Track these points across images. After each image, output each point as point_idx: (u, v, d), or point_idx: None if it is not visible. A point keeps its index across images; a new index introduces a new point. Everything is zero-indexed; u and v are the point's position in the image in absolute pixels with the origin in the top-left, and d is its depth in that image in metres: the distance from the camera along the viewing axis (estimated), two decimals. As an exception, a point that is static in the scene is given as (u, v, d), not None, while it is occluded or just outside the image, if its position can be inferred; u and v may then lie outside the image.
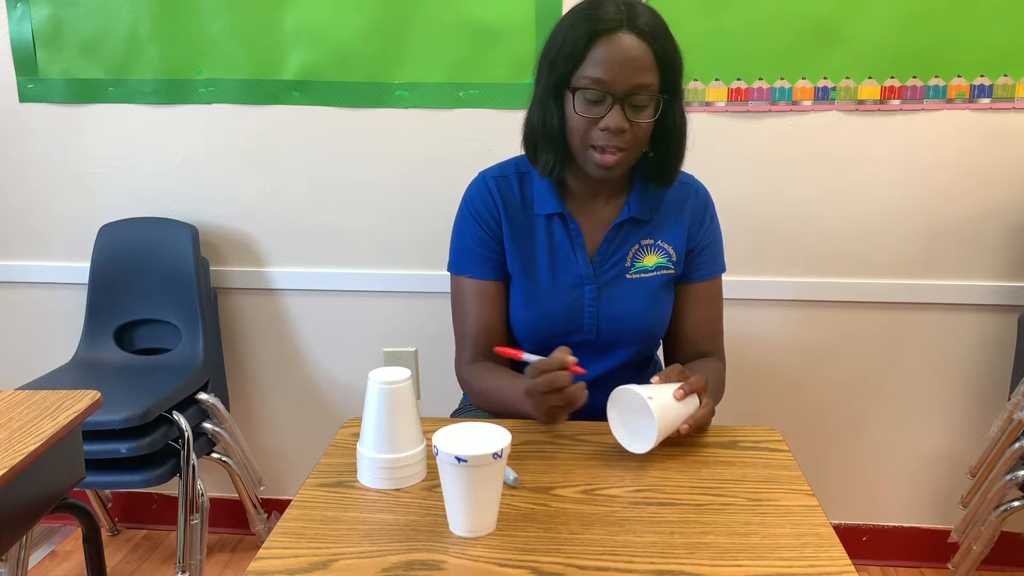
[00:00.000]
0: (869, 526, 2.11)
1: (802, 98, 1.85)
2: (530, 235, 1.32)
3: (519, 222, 1.32)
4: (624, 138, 1.18)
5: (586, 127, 1.19)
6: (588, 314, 1.29)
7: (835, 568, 0.86)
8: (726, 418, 2.00)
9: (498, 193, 1.32)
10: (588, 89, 1.17)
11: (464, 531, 0.93)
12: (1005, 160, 1.84)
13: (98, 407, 1.27)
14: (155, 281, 2.03)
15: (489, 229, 1.32)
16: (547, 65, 1.22)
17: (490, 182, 1.33)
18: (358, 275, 2.07)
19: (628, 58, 1.15)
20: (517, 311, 1.33)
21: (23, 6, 1.97)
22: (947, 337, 1.96)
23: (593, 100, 1.17)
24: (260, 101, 1.98)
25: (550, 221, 1.31)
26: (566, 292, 1.30)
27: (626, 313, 1.29)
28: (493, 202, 1.32)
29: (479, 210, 1.33)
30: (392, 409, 1.03)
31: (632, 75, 1.15)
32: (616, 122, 1.16)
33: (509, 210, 1.32)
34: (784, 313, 1.99)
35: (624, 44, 1.16)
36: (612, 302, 1.29)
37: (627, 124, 1.17)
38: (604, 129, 1.17)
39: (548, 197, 1.30)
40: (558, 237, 1.30)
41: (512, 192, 1.33)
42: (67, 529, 2.31)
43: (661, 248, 1.31)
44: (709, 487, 1.03)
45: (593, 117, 1.18)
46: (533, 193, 1.32)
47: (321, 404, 2.18)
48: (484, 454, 0.89)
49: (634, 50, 1.16)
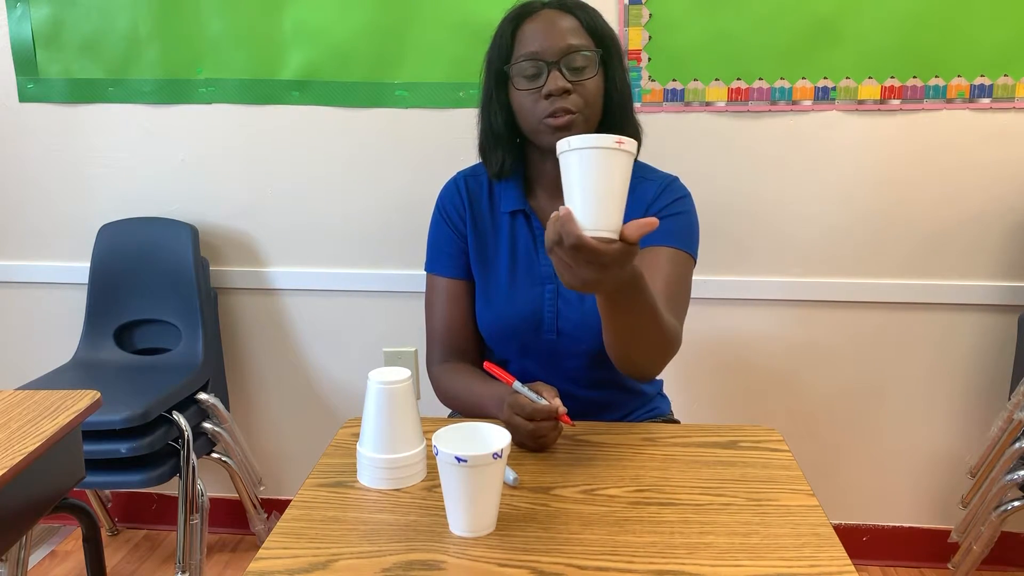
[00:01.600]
0: (869, 526, 2.11)
1: (802, 98, 1.85)
2: (495, 234, 1.32)
3: (485, 221, 1.32)
4: (571, 100, 1.17)
5: (532, 102, 1.19)
6: (548, 314, 1.28)
7: (835, 568, 0.86)
8: (726, 418, 2.01)
9: (467, 192, 1.33)
10: (522, 63, 1.19)
11: (464, 531, 0.93)
12: (1005, 160, 1.85)
13: (98, 407, 1.26)
14: (155, 281, 2.03)
15: (456, 228, 1.33)
16: (485, 69, 1.26)
17: (460, 182, 1.35)
18: (358, 275, 2.07)
19: (552, 25, 1.19)
20: (479, 310, 1.32)
21: (23, 6, 1.97)
22: (947, 337, 1.96)
23: (531, 74, 1.18)
24: (260, 101, 1.98)
25: (514, 219, 1.31)
26: (526, 291, 1.28)
27: (586, 313, 1.26)
28: (461, 201, 1.33)
29: (448, 209, 1.34)
30: (392, 409, 1.03)
31: (561, 38, 1.18)
32: (555, 84, 1.16)
33: (475, 209, 1.33)
34: (784, 313, 1.99)
35: (548, 16, 1.20)
36: (571, 303, 1.27)
37: (568, 84, 1.17)
38: (548, 96, 1.17)
39: (512, 195, 1.30)
40: (521, 236, 1.30)
41: (481, 191, 1.34)
42: (67, 529, 2.31)
43: None
44: (709, 487, 1.03)
45: (534, 89, 1.18)
46: (500, 191, 1.33)
47: (321, 404, 2.18)
48: (484, 454, 0.89)
49: (557, 19, 1.19)
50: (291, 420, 2.21)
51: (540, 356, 1.30)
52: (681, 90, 1.86)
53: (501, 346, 1.32)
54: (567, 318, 1.27)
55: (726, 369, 2.01)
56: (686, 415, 1.43)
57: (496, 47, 1.24)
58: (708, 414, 2.03)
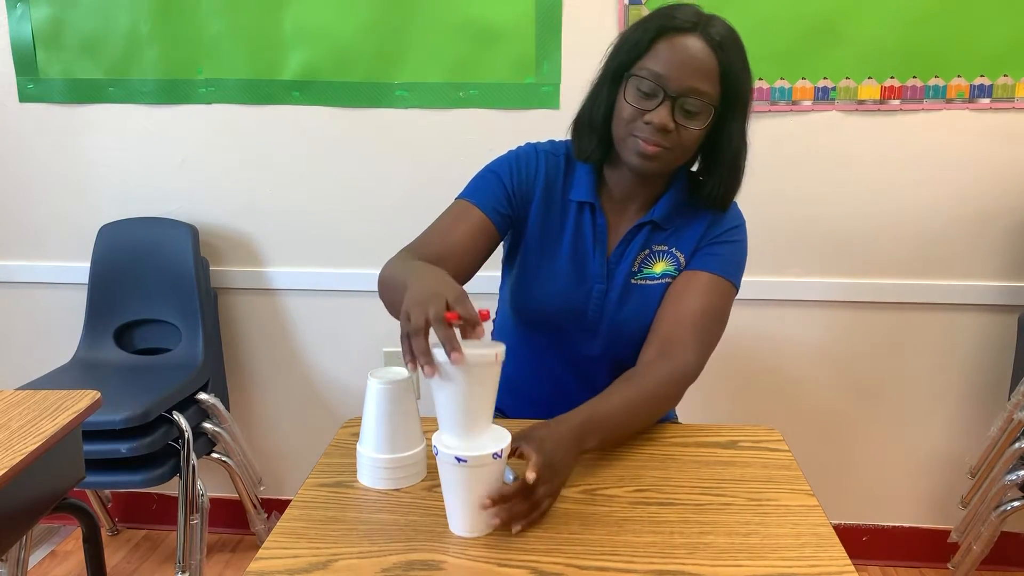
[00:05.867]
0: (869, 526, 2.11)
1: (802, 98, 1.85)
2: (560, 217, 1.30)
3: (554, 201, 1.30)
4: (668, 138, 1.15)
5: (632, 116, 1.16)
6: (592, 313, 1.28)
7: (835, 568, 0.86)
8: (726, 418, 2.01)
9: (544, 166, 1.30)
10: (643, 79, 1.14)
11: (464, 531, 0.93)
12: (1005, 160, 1.84)
13: (98, 407, 1.26)
14: (155, 281, 2.03)
15: (517, 184, 1.28)
16: (611, 54, 1.21)
17: (540, 154, 1.31)
18: (358, 275, 2.07)
19: (690, 58, 1.13)
20: (526, 286, 1.30)
21: (23, 6, 1.97)
22: (947, 337, 1.96)
23: (646, 92, 1.15)
24: (260, 101, 1.98)
25: (581, 210, 1.29)
26: (578, 285, 1.28)
27: (625, 319, 1.27)
28: (536, 169, 1.29)
29: (520, 168, 1.29)
30: (392, 409, 1.03)
31: (689, 77, 1.13)
32: (661, 119, 1.13)
33: (548, 185, 1.30)
34: (784, 313, 1.99)
35: (689, 45, 1.14)
36: (614, 306, 1.28)
37: (672, 124, 1.14)
38: (648, 123, 1.14)
39: (585, 185, 1.28)
40: (585, 228, 1.29)
41: (557, 171, 1.30)
42: (67, 529, 2.31)
43: (672, 255, 1.28)
44: (709, 487, 1.03)
45: (641, 108, 1.15)
46: (574, 178, 1.30)
47: (321, 404, 2.18)
48: (484, 454, 0.89)
49: (699, 53, 1.13)
50: (291, 420, 2.21)
51: (566, 350, 1.30)
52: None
53: (529, 330, 1.31)
54: (611, 319, 1.27)
55: (726, 369, 2.01)
56: (686, 415, 1.43)
57: (630, 43, 1.17)
58: (708, 414, 2.02)
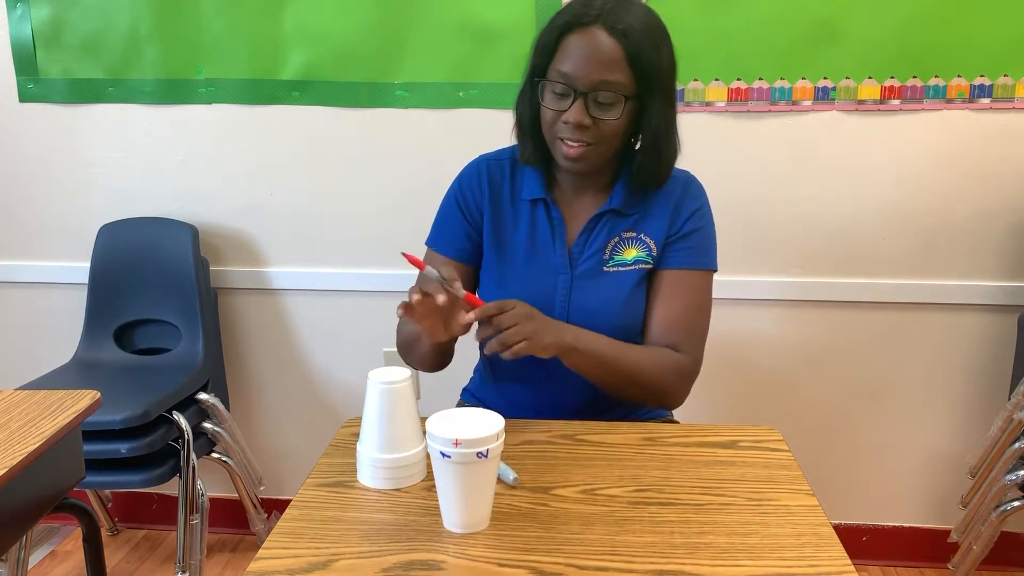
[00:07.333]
0: (869, 526, 2.11)
1: (802, 98, 1.85)
2: (514, 220, 1.32)
3: (504, 206, 1.33)
4: (588, 133, 1.17)
5: (553, 119, 1.19)
6: (560, 304, 1.28)
7: (835, 568, 0.86)
8: (726, 418, 2.01)
9: (487, 177, 1.33)
10: (554, 82, 1.17)
11: (455, 526, 0.93)
12: (1005, 160, 1.84)
13: (98, 407, 1.26)
14: (155, 281, 2.03)
15: (467, 212, 1.33)
16: (528, 60, 1.24)
17: (482, 166, 1.34)
18: (358, 275, 2.07)
19: (594, 53, 1.15)
20: (492, 293, 1.32)
21: (23, 6, 1.97)
22: (947, 337, 1.96)
23: (559, 93, 1.17)
24: (260, 101, 1.98)
25: (534, 207, 1.31)
26: (539, 279, 1.29)
27: (598, 306, 1.27)
28: (479, 186, 1.33)
29: (464, 192, 1.34)
30: (392, 409, 1.03)
31: (595, 71, 1.15)
32: (575, 117, 1.16)
33: (494, 194, 1.33)
34: (784, 313, 1.99)
35: (592, 39, 1.15)
36: (585, 294, 1.28)
37: (588, 120, 1.16)
38: (566, 123, 1.17)
39: (534, 183, 1.30)
40: (540, 224, 1.30)
41: (503, 176, 1.33)
42: (67, 529, 2.31)
43: (642, 241, 1.29)
44: (709, 487, 1.03)
45: (558, 110, 1.18)
46: (524, 178, 1.32)
47: (321, 404, 2.18)
48: (468, 451, 0.88)
49: (602, 46, 1.14)
50: (291, 420, 2.20)
51: None
52: (681, 90, 1.86)
53: None
54: (580, 307, 1.27)
55: (726, 369, 2.01)
56: (686, 415, 1.43)
57: (540, 46, 1.20)
58: (708, 414, 2.02)
